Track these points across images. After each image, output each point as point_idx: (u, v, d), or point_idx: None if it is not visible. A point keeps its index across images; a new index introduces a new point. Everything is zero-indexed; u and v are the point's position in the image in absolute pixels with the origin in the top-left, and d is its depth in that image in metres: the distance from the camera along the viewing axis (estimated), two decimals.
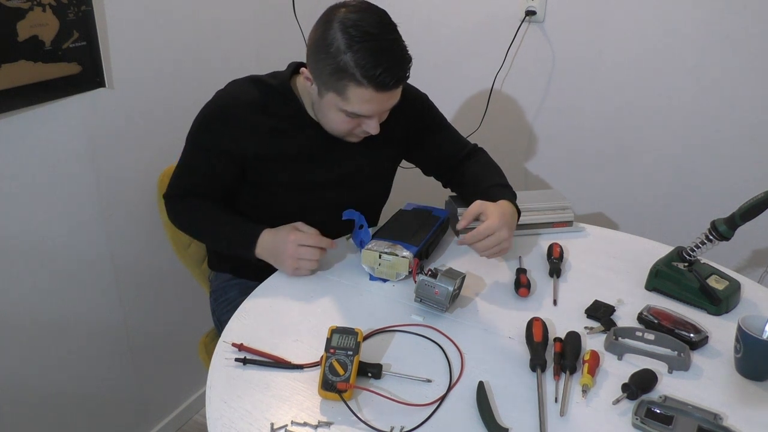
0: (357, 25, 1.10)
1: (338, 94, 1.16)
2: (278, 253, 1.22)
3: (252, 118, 1.26)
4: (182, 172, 1.35)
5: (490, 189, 1.33)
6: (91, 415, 1.64)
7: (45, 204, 1.39)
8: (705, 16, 1.54)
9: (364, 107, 1.16)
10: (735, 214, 1.12)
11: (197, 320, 1.88)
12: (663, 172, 1.72)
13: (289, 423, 0.87)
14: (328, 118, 1.24)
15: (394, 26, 1.15)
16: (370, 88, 1.12)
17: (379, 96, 1.14)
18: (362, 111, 1.17)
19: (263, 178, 1.31)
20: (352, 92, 1.14)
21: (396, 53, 1.13)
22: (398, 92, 1.19)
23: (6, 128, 1.28)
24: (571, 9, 1.67)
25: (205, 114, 1.29)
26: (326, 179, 1.33)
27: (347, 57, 1.10)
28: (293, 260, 1.19)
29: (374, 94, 1.13)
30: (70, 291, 1.50)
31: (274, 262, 1.24)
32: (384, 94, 1.15)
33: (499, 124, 1.86)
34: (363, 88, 1.12)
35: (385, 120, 1.26)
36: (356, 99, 1.15)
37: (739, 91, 1.57)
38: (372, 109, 1.17)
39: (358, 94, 1.14)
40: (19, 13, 1.22)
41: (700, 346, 1.05)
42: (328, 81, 1.16)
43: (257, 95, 1.27)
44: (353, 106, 1.16)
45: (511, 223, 1.23)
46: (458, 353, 1.02)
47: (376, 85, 1.12)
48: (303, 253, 1.19)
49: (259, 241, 1.24)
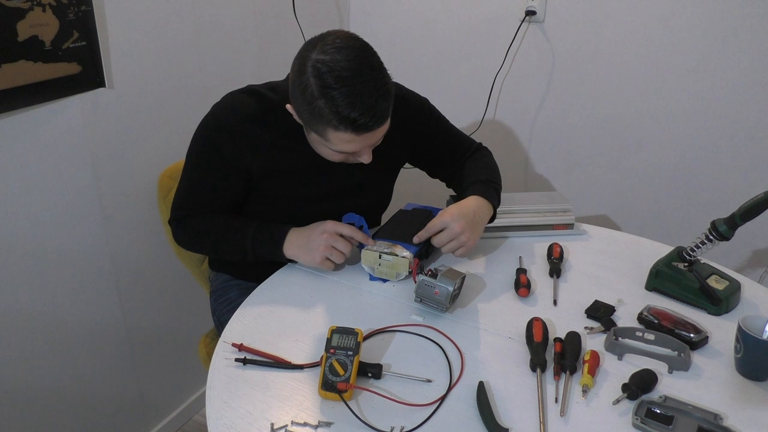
0: (330, 69, 1.04)
1: (320, 136, 1.13)
2: (311, 240, 1.20)
3: (253, 132, 1.23)
4: (187, 192, 1.30)
5: (470, 186, 1.34)
6: (91, 415, 1.64)
7: (45, 204, 1.39)
8: (705, 16, 1.54)
9: (348, 147, 1.13)
10: (735, 214, 1.12)
11: (197, 320, 1.88)
12: (663, 172, 1.72)
13: (289, 423, 0.87)
14: (318, 151, 1.22)
15: (371, 63, 1.08)
16: (349, 132, 1.08)
17: (362, 137, 1.10)
18: (347, 150, 1.14)
19: (264, 192, 1.29)
20: (332, 136, 1.10)
21: (372, 94, 1.06)
22: (385, 126, 1.13)
23: (6, 128, 1.28)
24: (571, 9, 1.67)
25: (206, 128, 1.25)
26: (328, 191, 1.32)
27: (321, 103, 1.05)
28: (326, 247, 1.18)
29: (355, 136, 1.09)
30: (70, 291, 1.50)
31: (302, 253, 1.21)
32: (367, 134, 1.10)
33: (499, 124, 1.86)
34: (342, 132, 1.08)
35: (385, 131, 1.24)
36: (338, 141, 1.11)
37: (739, 91, 1.57)
38: (357, 147, 1.13)
39: (339, 137, 1.10)
40: (19, 13, 1.22)
41: (700, 346, 1.05)
42: (309, 123, 1.13)
43: (256, 108, 1.24)
44: (337, 146, 1.13)
45: (471, 218, 1.22)
46: (458, 353, 1.02)
47: (355, 129, 1.07)
48: (338, 242, 1.18)
49: (289, 235, 1.22)
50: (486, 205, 1.29)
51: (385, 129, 1.15)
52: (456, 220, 1.20)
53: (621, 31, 1.64)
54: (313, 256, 1.19)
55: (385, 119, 1.11)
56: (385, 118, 1.11)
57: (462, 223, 1.20)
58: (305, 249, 1.21)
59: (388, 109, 1.11)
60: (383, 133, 1.16)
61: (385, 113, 1.10)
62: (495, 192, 1.34)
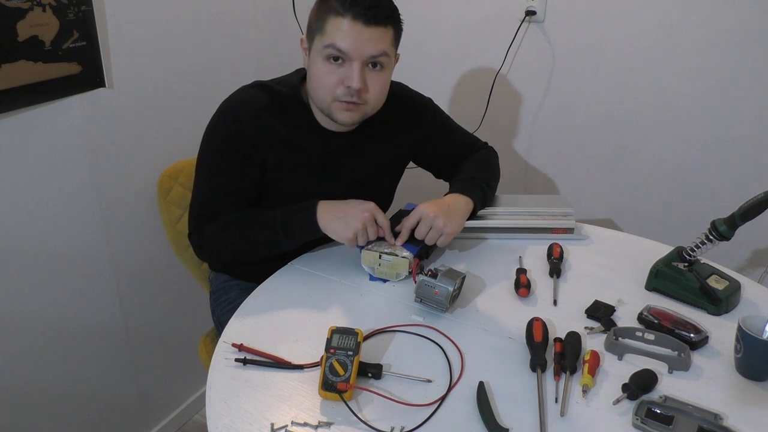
0: None
1: (320, 33, 1.16)
2: (348, 214, 1.20)
3: (265, 124, 1.23)
4: (205, 196, 1.28)
5: (452, 185, 1.37)
6: (91, 415, 1.64)
7: (45, 204, 1.39)
8: (705, 16, 1.54)
9: (341, 38, 1.13)
10: (735, 214, 1.12)
11: (197, 320, 1.88)
12: (663, 172, 1.72)
13: (289, 423, 0.87)
14: (314, 80, 1.20)
15: None
16: (347, 16, 1.12)
17: (357, 29, 1.12)
18: (339, 43, 1.14)
19: (272, 187, 1.29)
20: (330, 24, 1.14)
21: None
22: (378, 35, 1.15)
23: (6, 128, 1.28)
24: (571, 9, 1.67)
25: (218, 124, 1.25)
26: (334, 189, 1.31)
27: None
28: (363, 224, 1.18)
29: (351, 24, 1.12)
30: (70, 291, 1.50)
31: (337, 223, 1.20)
32: (362, 27, 1.13)
33: (499, 124, 1.86)
34: (341, 18, 1.12)
35: (390, 128, 1.25)
36: (333, 29, 1.14)
37: (740, 91, 1.56)
38: (349, 42, 1.13)
39: (336, 24, 1.13)
40: (19, 13, 1.22)
41: (700, 346, 1.05)
42: (314, 28, 1.17)
43: (267, 101, 1.24)
44: (330, 38, 1.14)
45: (444, 207, 1.24)
46: (458, 353, 1.02)
47: (354, 14, 1.11)
48: (371, 225, 1.19)
49: (320, 205, 1.22)
50: (462, 199, 1.30)
51: (380, 45, 1.16)
52: (428, 207, 1.23)
53: (621, 31, 1.64)
54: (347, 230, 1.19)
55: (383, 20, 1.15)
56: (383, 19, 1.15)
57: (434, 209, 1.22)
58: (342, 221, 1.20)
59: (386, 11, 1.15)
60: (376, 50, 1.16)
61: (383, 12, 1.14)
62: (478, 188, 1.34)
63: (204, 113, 1.29)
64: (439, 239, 1.23)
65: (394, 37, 1.20)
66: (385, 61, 1.19)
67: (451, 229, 1.23)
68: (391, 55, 1.21)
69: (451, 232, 1.23)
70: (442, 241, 1.23)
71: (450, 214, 1.24)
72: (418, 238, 1.23)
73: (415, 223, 1.23)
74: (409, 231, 1.23)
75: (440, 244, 1.24)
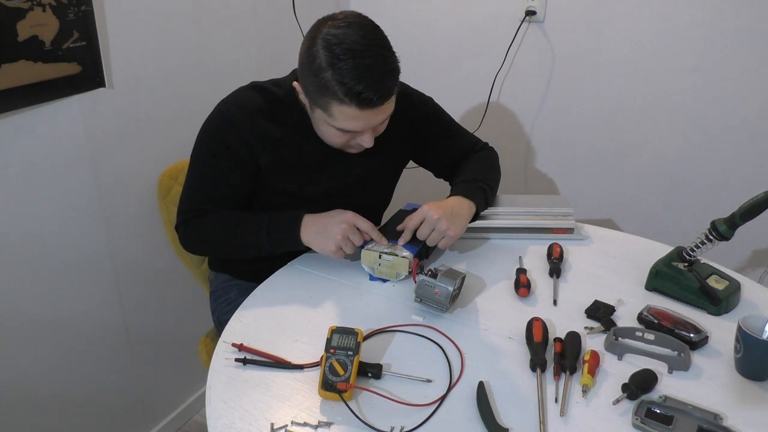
0: (340, 42, 1.06)
1: (324, 111, 1.13)
2: (328, 227, 1.18)
3: (261, 125, 1.24)
4: (194, 192, 1.29)
5: (454, 186, 1.36)
6: (91, 415, 1.64)
7: (45, 204, 1.39)
8: (705, 16, 1.54)
9: (350, 124, 1.13)
10: (735, 214, 1.12)
11: (197, 320, 1.88)
12: (663, 172, 1.72)
13: (289, 423, 0.87)
14: (321, 132, 1.22)
15: (380, 42, 1.11)
16: (353, 106, 1.09)
17: (365, 113, 1.11)
18: (350, 128, 1.14)
19: (268, 188, 1.29)
20: (336, 110, 1.11)
21: (379, 69, 1.08)
22: (388, 106, 1.14)
23: (6, 128, 1.28)
24: (571, 9, 1.67)
25: (212, 124, 1.25)
26: (332, 189, 1.32)
27: (328, 75, 1.07)
28: (343, 237, 1.17)
29: (359, 111, 1.10)
30: (70, 291, 1.50)
31: (318, 239, 1.19)
32: (370, 110, 1.11)
33: (499, 124, 1.86)
34: (346, 107, 1.09)
35: (389, 128, 1.25)
36: (341, 117, 1.12)
37: (739, 91, 1.57)
38: (360, 125, 1.14)
39: (343, 111, 1.11)
40: (19, 13, 1.22)
41: (700, 346, 1.05)
42: (314, 98, 1.14)
43: (262, 103, 1.24)
44: (340, 123, 1.14)
45: (448, 210, 1.24)
46: (458, 353, 1.02)
47: (359, 103, 1.08)
48: (354, 234, 1.18)
49: (305, 219, 1.21)
50: (466, 202, 1.30)
51: (388, 111, 1.16)
52: (432, 209, 1.22)
53: (621, 31, 1.64)
54: (328, 243, 1.18)
55: (390, 97, 1.12)
56: (390, 96, 1.12)
57: (438, 212, 1.22)
58: (322, 235, 1.19)
59: (393, 87, 1.12)
60: (386, 115, 1.17)
61: (389, 91, 1.12)
62: (480, 190, 1.34)
63: (204, 113, 1.29)
64: (441, 241, 1.23)
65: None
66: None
67: (454, 233, 1.23)
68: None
69: (453, 235, 1.23)
70: (443, 244, 1.23)
71: (453, 217, 1.24)
72: (420, 239, 1.23)
73: (418, 223, 1.22)
74: (412, 231, 1.23)
75: (442, 246, 1.24)
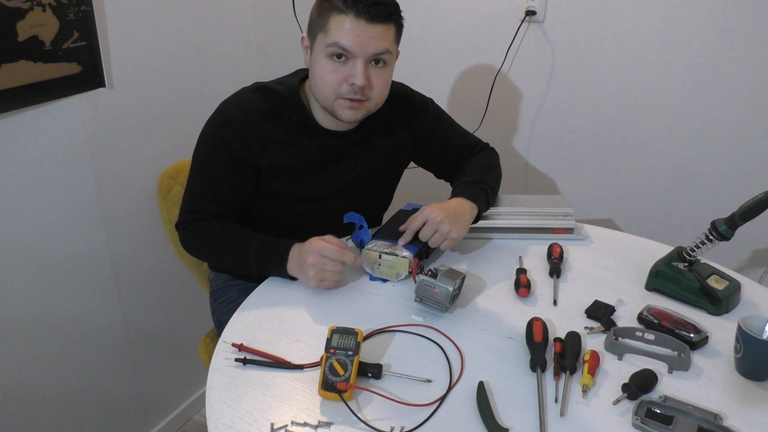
0: None
1: (323, 31, 1.16)
2: (303, 263, 1.15)
3: (261, 127, 1.24)
4: (195, 194, 1.29)
5: (456, 187, 1.36)
6: (91, 415, 1.64)
7: (45, 204, 1.39)
8: (705, 16, 1.54)
9: (344, 36, 1.14)
10: (735, 214, 1.12)
11: (197, 320, 1.88)
12: (663, 172, 1.72)
13: (289, 423, 0.87)
14: (317, 78, 1.20)
15: None
16: (350, 14, 1.12)
17: (360, 26, 1.13)
18: (343, 41, 1.14)
19: (269, 189, 1.29)
20: (333, 24, 1.14)
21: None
22: (383, 33, 1.16)
23: (6, 128, 1.28)
24: (571, 9, 1.67)
25: (214, 125, 1.25)
26: (333, 189, 1.32)
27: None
28: (316, 271, 1.13)
29: (354, 21, 1.13)
30: (70, 291, 1.50)
31: (301, 275, 1.17)
32: (365, 25, 1.13)
33: (499, 124, 1.86)
34: (343, 15, 1.13)
35: (389, 128, 1.24)
36: (337, 29, 1.14)
37: (739, 91, 1.56)
38: (352, 40, 1.14)
39: (339, 23, 1.13)
40: (19, 13, 1.22)
41: (700, 346, 1.05)
42: (316, 25, 1.17)
43: (264, 104, 1.25)
44: (334, 37, 1.14)
45: (451, 212, 1.24)
46: (458, 353, 1.02)
47: (357, 11, 1.12)
48: (326, 264, 1.13)
49: (290, 255, 1.18)
50: (468, 204, 1.30)
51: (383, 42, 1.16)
52: (435, 210, 1.22)
53: (621, 31, 1.64)
54: (308, 279, 1.16)
55: (385, 17, 1.15)
56: (386, 18, 1.15)
57: (441, 213, 1.21)
58: (302, 270, 1.16)
59: (391, 11, 1.16)
60: (380, 47, 1.17)
61: (387, 10, 1.15)
62: (482, 192, 1.34)
63: (204, 113, 1.29)
64: (444, 244, 1.23)
65: (396, 33, 1.20)
66: (388, 58, 1.20)
67: (456, 235, 1.23)
68: (393, 51, 1.21)
69: (455, 237, 1.23)
70: (445, 246, 1.23)
71: (455, 219, 1.24)
72: (422, 240, 1.23)
73: (421, 224, 1.22)
74: (414, 232, 1.23)
75: (443, 248, 1.24)
